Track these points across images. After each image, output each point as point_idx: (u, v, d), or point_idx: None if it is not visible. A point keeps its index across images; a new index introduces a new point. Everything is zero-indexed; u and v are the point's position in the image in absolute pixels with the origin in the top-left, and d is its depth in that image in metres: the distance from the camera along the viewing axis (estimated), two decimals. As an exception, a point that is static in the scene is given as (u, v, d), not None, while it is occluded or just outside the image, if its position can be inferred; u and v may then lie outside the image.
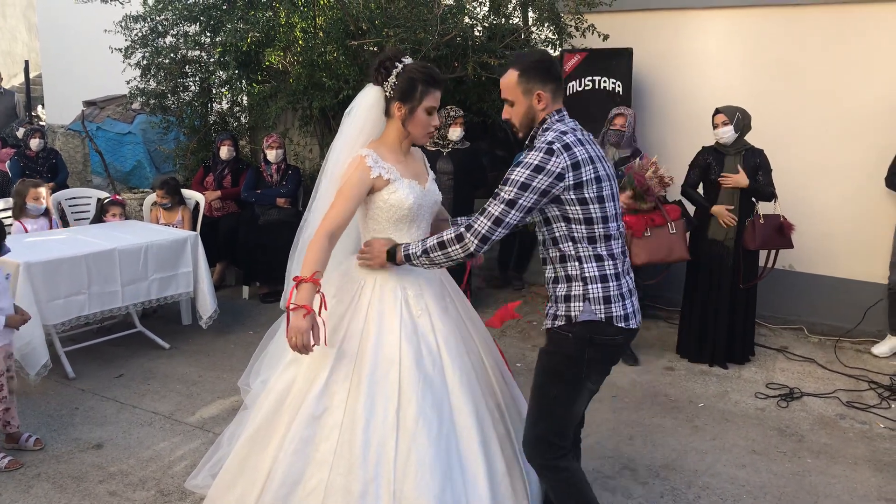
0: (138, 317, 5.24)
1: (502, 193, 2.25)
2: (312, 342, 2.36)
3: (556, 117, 2.37)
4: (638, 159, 4.64)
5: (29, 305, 4.01)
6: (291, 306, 2.35)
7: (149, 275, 4.75)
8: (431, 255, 2.39)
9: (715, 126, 4.68)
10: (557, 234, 2.34)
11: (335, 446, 2.45)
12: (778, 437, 3.88)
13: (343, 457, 2.44)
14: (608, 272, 2.32)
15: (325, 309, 2.51)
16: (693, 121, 5.81)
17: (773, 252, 4.78)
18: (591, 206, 2.28)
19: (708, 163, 4.76)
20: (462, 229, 2.31)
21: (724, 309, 4.76)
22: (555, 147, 2.23)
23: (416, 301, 2.61)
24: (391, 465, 2.41)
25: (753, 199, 4.72)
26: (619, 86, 5.73)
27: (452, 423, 2.51)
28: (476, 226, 2.29)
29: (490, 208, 2.27)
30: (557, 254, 2.37)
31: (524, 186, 2.22)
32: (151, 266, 4.76)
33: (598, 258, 2.31)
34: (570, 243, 2.33)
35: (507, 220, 2.25)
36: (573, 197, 2.26)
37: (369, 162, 2.53)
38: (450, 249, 2.34)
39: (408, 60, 2.58)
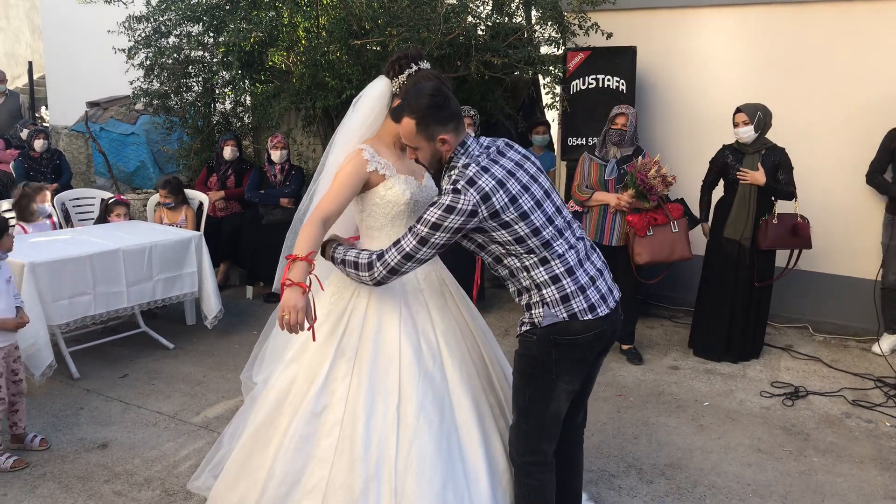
0: (143, 317, 5.25)
1: (416, 229, 2.26)
2: (306, 323, 2.34)
3: (460, 150, 2.34)
4: (640, 158, 4.63)
5: (33, 306, 4.02)
6: (287, 282, 2.33)
7: (153, 275, 4.76)
8: (346, 269, 2.43)
9: (735, 125, 4.67)
10: (498, 254, 2.34)
11: (336, 443, 2.46)
12: (783, 435, 3.87)
13: (344, 454, 2.44)
14: (558, 271, 2.30)
15: (322, 290, 2.53)
16: (697, 119, 5.81)
17: (796, 252, 4.78)
18: (515, 227, 2.26)
19: (727, 161, 4.76)
20: (374, 257, 2.33)
21: (738, 306, 4.78)
22: (460, 186, 2.22)
23: (414, 298, 2.62)
24: (392, 461, 2.41)
25: (773, 198, 4.70)
26: (622, 84, 5.72)
27: (453, 418, 2.51)
28: (387, 257, 2.30)
29: (403, 242, 2.28)
30: (506, 271, 2.38)
31: (435, 227, 2.23)
32: (156, 266, 4.76)
33: (544, 261, 2.30)
34: (512, 258, 2.32)
35: (418, 256, 2.28)
36: (494, 224, 2.25)
37: (366, 156, 2.54)
38: (360, 273, 2.37)
39: (425, 65, 2.56)
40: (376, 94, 2.62)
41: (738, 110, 4.67)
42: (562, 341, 2.31)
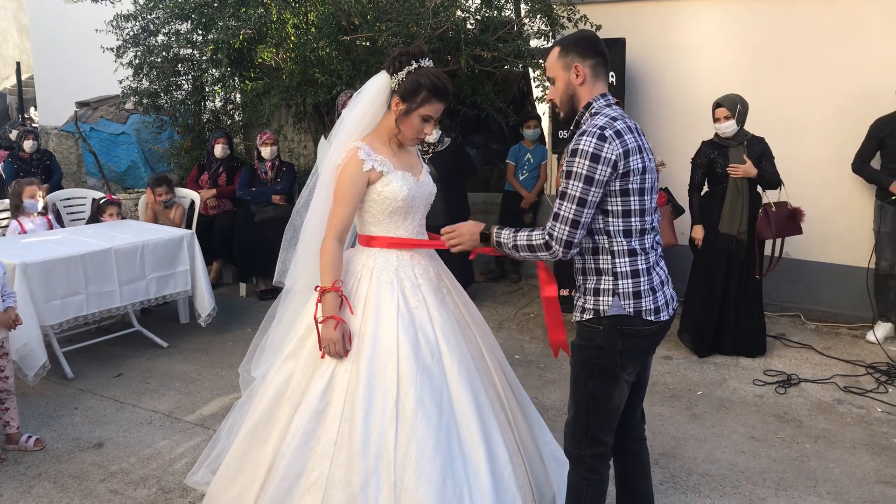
0: (137, 316, 5.24)
1: (569, 191, 2.18)
2: (346, 348, 2.50)
3: (604, 101, 2.31)
4: None
5: (26, 306, 4.01)
6: (320, 318, 2.47)
7: (146, 274, 4.75)
8: (521, 252, 2.33)
9: (716, 120, 4.62)
10: (593, 227, 2.28)
11: (335, 438, 2.46)
12: (776, 423, 3.90)
13: (343, 449, 2.45)
14: (640, 267, 2.27)
15: (352, 313, 2.56)
16: (686, 110, 5.82)
17: (779, 242, 4.73)
18: (631, 199, 2.22)
19: (711, 158, 4.71)
20: (547, 237, 2.24)
21: (730, 301, 4.74)
22: (607, 133, 2.16)
23: (412, 292, 2.62)
24: (391, 455, 2.41)
25: (759, 190, 4.68)
26: (612, 76, 5.73)
27: (452, 412, 2.52)
28: (556, 233, 2.22)
29: (563, 211, 2.20)
30: (590, 245, 2.31)
31: (588, 180, 2.16)
32: (149, 265, 4.75)
33: (632, 252, 2.26)
34: (605, 237, 2.27)
35: (583, 220, 2.20)
36: (618, 188, 2.20)
37: (362, 155, 2.54)
38: (538, 253, 2.28)
39: (426, 63, 2.55)
40: (375, 89, 2.61)
41: (718, 105, 4.61)
42: (629, 331, 2.28)
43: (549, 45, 6.07)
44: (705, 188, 4.87)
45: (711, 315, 4.79)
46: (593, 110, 2.30)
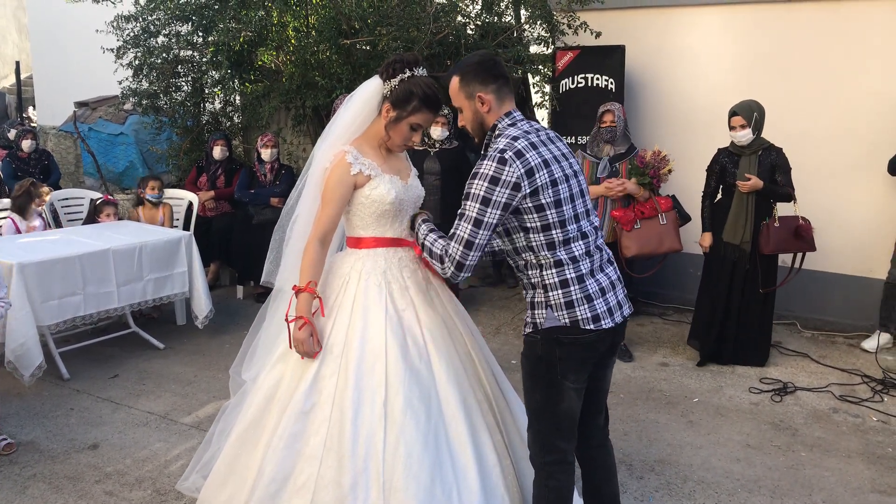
0: (134, 318, 5.23)
1: (466, 211, 2.24)
2: (316, 348, 2.52)
3: (507, 121, 2.34)
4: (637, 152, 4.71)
5: (23, 306, 4.01)
6: (291, 317, 2.49)
7: (144, 275, 4.74)
8: (424, 251, 2.48)
9: (732, 128, 4.55)
10: (517, 245, 2.33)
11: (324, 440, 2.48)
12: (772, 431, 3.91)
13: (332, 450, 2.46)
14: (569, 276, 2.29)
15: (323, 316, 2.57)
16: (685, 117, 5.84)
17: (801, 255, 4.66)
18: (547, 213, 2.25)
19: (723, 165, 4.66)
20: (444, 252, 2.32)
21: (733, 311, 4.70)
22: (507, 156, 2.19)
23: (400, 295, 2.64)
24: (380, 456, 2.42)
25: (772, 201, 4.61)
26: (611, 83, 5.75)
27: (441, 414, 2.53)
28: (450, 251, 2.28)
29: (459, 231, 2.25)
30: (521, 262, 2.36)
31: (486, 201, 2.20)
32: (146, 266, 4.75)
33: (558, 264, 2.29)
34: (530, 252, 2.31)
35: (478, 241, 2.24)
36: (530, 205, 2.23)
37: (349, 158, 2.56)
38: (434, 262, 2.39)
39: (420, 72, 2.57)
40: (367, 94, 2.63)
41: (734, 113, 4.52)
42: (565, 340, 2.30)
43: (550, 50, 6.10)
44: (720, 195, 4.81)
45: (714, 324, 4.76)
46: (497, 132, 2.35)
